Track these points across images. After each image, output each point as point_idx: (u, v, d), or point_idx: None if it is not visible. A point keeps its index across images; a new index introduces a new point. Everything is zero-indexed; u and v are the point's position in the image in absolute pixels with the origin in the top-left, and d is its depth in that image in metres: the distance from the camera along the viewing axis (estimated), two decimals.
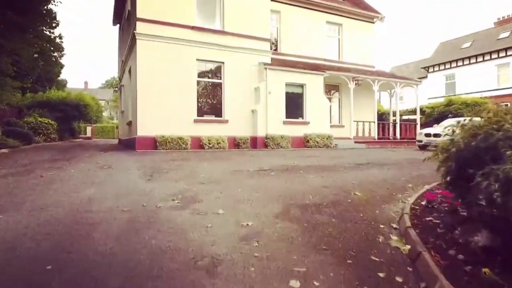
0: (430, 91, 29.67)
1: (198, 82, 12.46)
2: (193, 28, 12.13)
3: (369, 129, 17.14)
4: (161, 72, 11.61)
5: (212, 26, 12.72)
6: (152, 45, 11.46)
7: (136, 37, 11.26)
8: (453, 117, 19.81)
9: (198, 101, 12.38)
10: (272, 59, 13.82)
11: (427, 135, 13.31)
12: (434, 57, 33.28)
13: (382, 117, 20.06)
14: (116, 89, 20.13)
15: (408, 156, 10.14)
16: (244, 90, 13.10)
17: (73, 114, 23.93)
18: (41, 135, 19.14)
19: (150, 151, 10.75)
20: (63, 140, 23.98)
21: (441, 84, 31.16)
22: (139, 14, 11.28)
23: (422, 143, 13.50)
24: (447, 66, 30.90)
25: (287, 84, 13.67)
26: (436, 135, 12.93)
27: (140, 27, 11.30)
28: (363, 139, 16.43)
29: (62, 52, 31.01)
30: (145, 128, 11.31)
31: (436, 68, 31.81)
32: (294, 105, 14.01)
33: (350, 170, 6.55)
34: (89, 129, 35.86)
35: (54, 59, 29.72)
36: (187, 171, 6.03)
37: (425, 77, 32.84)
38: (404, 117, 21.12)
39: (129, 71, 13.81)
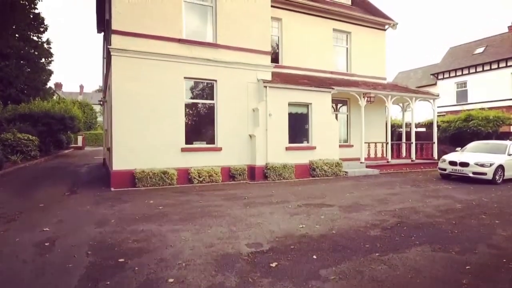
0: (440, 100, 27.74)
1: (187, 104, 10.67)
2: (180, 41, 10.34)
3: (382, 149, 15.37)
4: (142, 94, 9.84)
5: (203, 38, 10.91)
6: (131, 62, 9.68)
7: (111, 53, 9.47)
8: (471, 133, 18.06)
9: (186, 126, 10.59)
10: (272, 73, 12.05)
11: (452, 163, 11.53)
12: (443, 63, 31.46)
13: (392, 129, 18.12)
14: (101, 102, 18.38)
15: (438, 200, 8.31)
16: (240, 112, 11.32)
17: (58, 127, 22.16)
18: (19, 154, 17.37)
19: (127, 191, 8.96)
20: (48, 154, 22.26)
21: (451, 92, 29.34)
22: (114, 26, 9.48)
23: (446, 172, 11.74)
24: (458, 73, 29.08)
25: (290, 104, 11.88)
26: (463, 164, 11.20)
27: (116, 41, 9.51)
28: (374, 160, 14.68)
29: (50, 59, 29.33)
30: (122, 161, 9.53)
31: (446, 75, 30.00)
32: (298, 128, 12.22)
33: (379, 252, 4.75)
34: (80, 138, 34.27)
35: (41, 66, 27.95)
36: (153, 264, 4.23)
37: (435, 84, 31.06)
38: (417, 129, 19.28)
39: (109, 88, 12.04)
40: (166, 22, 10.14)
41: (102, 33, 17.43)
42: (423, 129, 21.68)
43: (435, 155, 16.05)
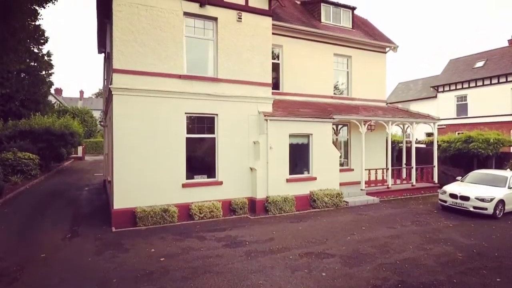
0: (440, 113, 27.77)
1: (187, 139, 10.66)
2: (181, 77, 10.35)
3: (382, 174, 15.38)
4: (144, 130, 9.85)
5: (204, 73, 10.92)
6: (132, 100, 9.68)
7: (112, 92, 9.49)
8: (472, 155, 18.00)
9: (187, 161, 10.58)
10: (273, 100, 12.03)
11: (453, 196, 11.55)
12: (444, 75, 31.47)
13: (392, 145, 18.02)
14: (101, 124, 18.39)
15: (439, 246, 8.35)
16: (241, 145, 11.33)
17: (58, 143, 22.20)
18: (20, 174, 17.39)
19: (128, 233, 8.95)
20: (48, 169, 22.30)
21: (451, 105, 29.39)
22: (115, 65, 9.48)
23: (447, 204, 11.77)
24: (458, 86, 29.11)
25: (291, 136, 11.90)
26: (463, 198, 11.23)
27: (117, 81, 9.51)
28: (375, 184, 14.64)
29: (51, 71, 29.30)
30: (122, 200, 9.54)
31: (447, 88, 30.03)
32: (298, 158, 12.24)
33: None
34: (80, 148, 34.20)
35: (41, 78, 27.87)
36: None
37: (435, 96, 31.09)
38: (417, 145, 19.24)
39: (110, 118, 12.04)
40: (167, 58, 10.14)
41: (103, 54, 17.44)
42: (423, 145, 21.68)
43: (436, 179, 16.07)
